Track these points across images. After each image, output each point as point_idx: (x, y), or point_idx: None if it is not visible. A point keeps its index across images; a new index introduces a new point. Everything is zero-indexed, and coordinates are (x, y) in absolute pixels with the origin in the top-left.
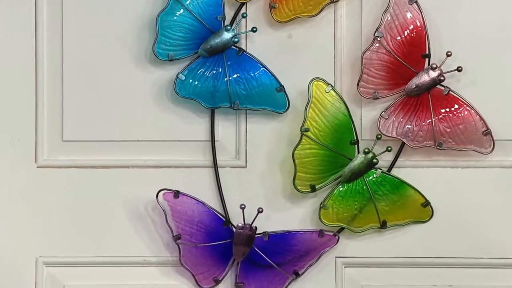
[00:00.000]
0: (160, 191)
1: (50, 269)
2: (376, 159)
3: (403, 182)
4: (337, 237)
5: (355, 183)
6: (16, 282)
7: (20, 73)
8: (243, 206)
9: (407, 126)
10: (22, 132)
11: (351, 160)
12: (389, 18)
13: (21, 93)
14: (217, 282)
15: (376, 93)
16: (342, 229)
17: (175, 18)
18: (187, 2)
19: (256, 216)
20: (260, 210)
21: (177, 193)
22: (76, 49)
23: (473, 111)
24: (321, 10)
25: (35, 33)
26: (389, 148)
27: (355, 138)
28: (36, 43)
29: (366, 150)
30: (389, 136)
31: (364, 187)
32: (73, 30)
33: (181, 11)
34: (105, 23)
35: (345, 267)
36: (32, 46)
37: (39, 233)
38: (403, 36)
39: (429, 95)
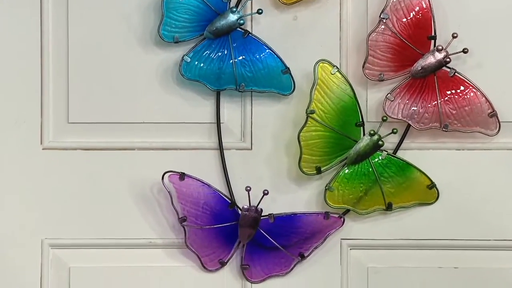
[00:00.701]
0: (165, 173)
1: (56, 251)
2: (382, 141)
3: (408, 164)
4: (342, 219)
5: (361, 165)
6: (22, 264)
7: (25, 55)
8: (248, 188)
9: (413, 108)
10: (27, 114)
11: (357, 142)
12: None
13: (26, 75)
14: (223, 264)
15: (382, 75)
16: (347, 211)
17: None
18: None
19: (261, 198)
20: (266, 192)
21: (182, 175)
22: (82, 31)
23: (479, 93)
24: None
25: (40, 14)
26: (395, 130)
27: (361, 120)
28: (42, 24)
29: (372, 132)
30: (394, 118)
31: (370, 169)
32: (79, 11)
33: None
34: (111, 5)
35: (350, 249)
36: (38, 28)
37: (45, 215)
38: (409, 18)
39: (435, 77)
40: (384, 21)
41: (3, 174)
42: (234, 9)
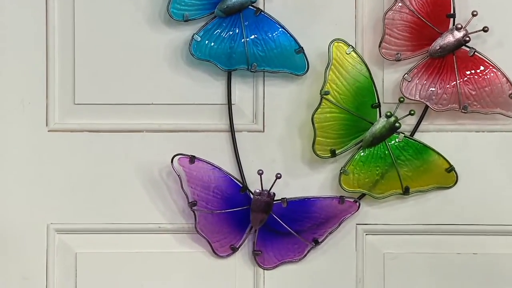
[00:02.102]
0: (175, 156)
1: (62, 236)
2: (399, 123)
3: (426, 147)
4: (358, 203)
5: (377, 148)
6: (27, 250)
7: (30, 34)
8: (260, 171)
9: (431, 88)
10: (32, 95)
11: (373, 124)
12: None
13: (31, 54)
14: (234, 250)
15: (399, 55)
16: (363, 195)
17: None
18: None
19: (274, 182)
20: (279, 175)
21: (192, 158)
22: (88, 9)
23: (499, 73)
24: None
25: None
26: (412, 112)
27: (377, 101)
28: (47, 2)
29: (388, 113)
30: (412, 99)
31: (386, 152)
32: None
33: None
34: None
35: (366, 234)
36: (43, 6)
37: (50, 199)
38: None
39: (454, 56)
40: None
41: (7, 157)
42: None
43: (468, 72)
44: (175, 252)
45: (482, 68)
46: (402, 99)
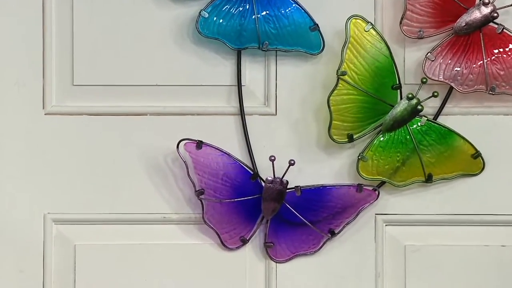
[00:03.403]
0: (181, 141)
1: (60, 226)
2: (421, 105)
3: (451, 131)
4: (377, 192)
5: (398, 132)
6: (23, 241)
7: (26, 10)
8: (273, 158)
9: (456, 68)
10: (28, 75)
11: (393, 106)
12: None
13: (27, 32)
14: (244, 241)
15: (421, 32)
16: (382, 183)
17: None
18: None
19: (287, 169)
20: (292, 162)
21: (199, 144)
22: None
23: None
24: None
25: None
26: (436, 93)
27: (398, 83)
28: None
29: (410, 95)
30: (435, 80)
31: (408, 137)
32: None
33: None
34: None
35: (386, 225)
36: None
37: (47, 187)
38: None
39: (481, 33)
40: None
41: (1, 142)
42: None
43: (496, 51)
44: (181, 244)
45: (511, 46)
46: (424, 80)
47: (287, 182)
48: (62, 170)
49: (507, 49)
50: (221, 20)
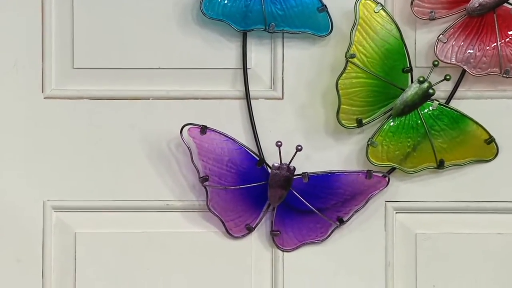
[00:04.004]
0: (184, 126)
1: (60, 214)
2: (433, 89)
3: (463, 116)
4: (387, 178)
5: (408, 117)
6: (21, 229)
7: None
8: (279, 143)
9: (469, 51)
10: (27, 58)
11: (404, 90)
12: None
13: (25, 12)
14: (250, 229)
15: (433, 13)
16: (393, 169)
17: None
18: None
19: (294, 155)
20: (299, 147)
21: (204, 129)
22: None
23: None
24: None
25: None
26: (448, 77)
27: (408, 65)
28: None
29: (421, 79)
30: (447, 63)
31: (419, 122)
32: None
33: None
34: None
35: (396, 213)
36: None
37: (47, 173)
38: None
39: (495, 14)
40: None
41: None
42: None
43: (510, 32)
44: (185, 232)
45: None
46: (436, 63)
47: (294, 168)
48: (62, 156)
49: None
50: (226, 1)
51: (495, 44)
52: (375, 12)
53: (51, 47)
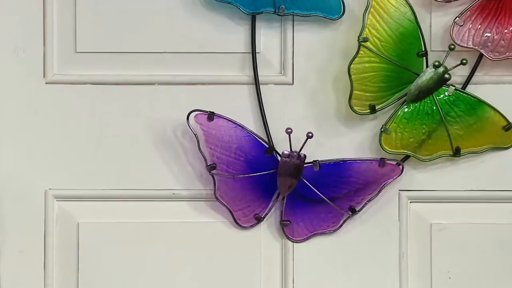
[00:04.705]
0: (191, 112)
1: (62, 203)
2: (449, 74)
3: (480, 101)
4: (401, 167)
5: (423, 102)
6: (22, 219)
7: None
8: (289, 130)
9: (486, 34)
10: (28, 42)
11: (418, 75)
12: None
13: None
14: (259, 219)
15: None
16: (407, 157)
17: None
18: None
19: (305, 142)
20: (310, 135)
21: (211, 115)
22: None
23: None
24: None
25: None
26: (464, 61)
27: (423, 49)
28: None
29: (437, 63)
30: (464, 47)
31: (434, 108)
32: None
33: None
34: None
35: (410, 202)
36: None
37: (49, 161)
38: None
39: None
40: None
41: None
42: None
43: None
44: (191, 222)
45: None
46: (452, 47)
47: (305, 156)
48: (64, 143)
49: None
50: None
51: None
52: None
53: (53, 30)
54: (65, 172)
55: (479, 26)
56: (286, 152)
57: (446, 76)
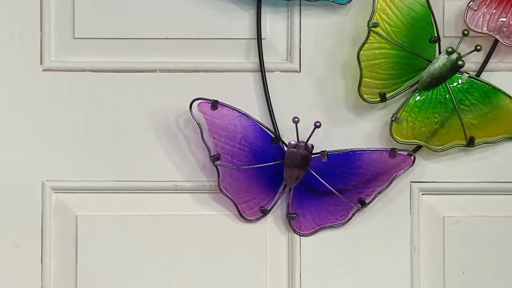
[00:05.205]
0: (194, 100)
1: (60, 195)
2: (462, 60)
3: (495, 89)
4: (412, 157)
5: (436, 90)
6: (18, 212)
7: None
8: (296, 119)
9: (502, 19)
10: (24, 27)
11: (431, 62)
12: None
13: None
14: (265, 212)
15: None
16: (419, 147)
17: None
18: None
19: (312, 132)
20: (318, 124)
21: (215, 104)
22: None
23: None
24: None
25: None
26: (478, 47)
27: (436, 35)
28: None
29: (450, 49)
30: (478, 32)
31: (447, 96)
32: None
33: None
34: None
35: (422, 194)
36: None
37: (46, 152)
38: None
39: None
40: None
41: None
42: None
43: None
44: (194, 215)
45: None
46: (466, 32)
47: (312, 146)
48: (62, 132)
49: None
50: None
51: None
52: None
53: (50, 15)
54: (63, 163)
55: (494, 10)
56: (293, 142)
57: (460, 63)
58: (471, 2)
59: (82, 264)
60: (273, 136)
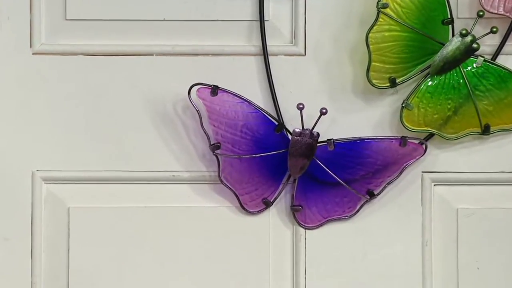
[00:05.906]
0: (193, 86)
1: (51, 186)
2: (477, 43)
3: None
4: (424, 146)
5: (449, 75)
6: (7, 204)
7: None
8: (301, 105)
9: None
10: (13, 8)
11: (443, 45)
12: None
13: None
14: (268, 204)
15: None
16: (431, 135)
17: None
18: None
19: (318, 119)
20: (324, 111)
21: (215, 89)
22: None
23: None
24: None
25: None
26: (494, 29)
27: (449, 16)
28: None
29: (464, 31)
30: (494, 13)
31: (461, 81)
32: None
33: None
34: None
35: (434, 185)
36: None
37: (36, 140)
38: None
39: None
40: None
41: None
42: None
43: None
44: (194, 206)
45: None
46: (481, 13)
47: (318, 134)
48: (53, 119)
49: None
50: None
51: None
52: None
53: None
54: (54, 152)
55: None
56: (297, 130)
57: (474, 45)
58: None
59: (74, 259)
60: (277, 123)
